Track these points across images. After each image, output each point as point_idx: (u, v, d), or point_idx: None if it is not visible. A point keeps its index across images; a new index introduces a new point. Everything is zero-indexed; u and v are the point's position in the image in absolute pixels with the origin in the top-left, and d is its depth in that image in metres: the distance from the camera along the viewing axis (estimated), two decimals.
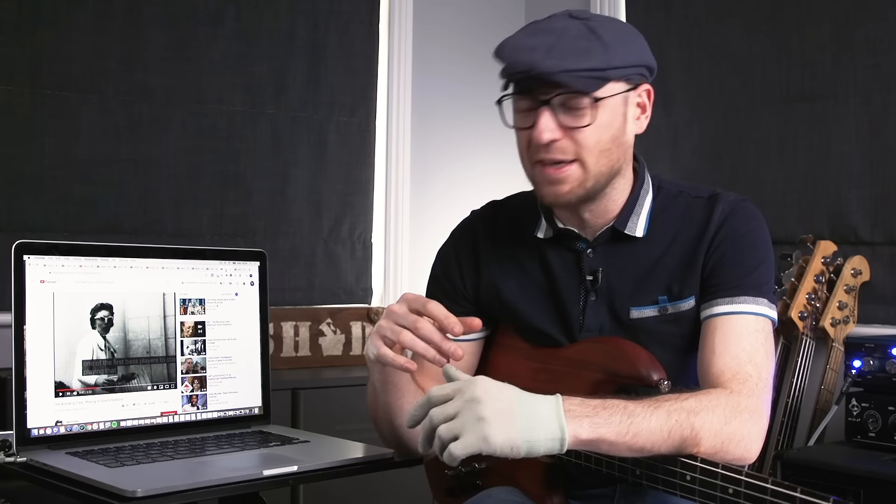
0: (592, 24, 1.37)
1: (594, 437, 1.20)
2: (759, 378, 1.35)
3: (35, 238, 1.46)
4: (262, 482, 1.30)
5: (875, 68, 2.46)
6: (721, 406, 1.28)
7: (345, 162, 3.02)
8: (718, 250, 1.44)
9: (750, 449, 1.30)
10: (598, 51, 1.35)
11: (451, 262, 1.61)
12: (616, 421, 1.21)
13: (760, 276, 1.43)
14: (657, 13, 2.94)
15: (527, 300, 1.53)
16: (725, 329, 1.39)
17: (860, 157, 2.48)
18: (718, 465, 1.22)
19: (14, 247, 1.41)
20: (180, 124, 2.73)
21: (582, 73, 1.33)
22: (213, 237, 2.77)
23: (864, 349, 2.15)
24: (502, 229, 1.58)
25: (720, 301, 1.41)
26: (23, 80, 2.49)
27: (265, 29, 2.87)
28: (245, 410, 1.62)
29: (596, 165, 1.40)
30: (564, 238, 1.51)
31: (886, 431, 2.06)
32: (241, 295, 1.63)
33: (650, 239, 1.48)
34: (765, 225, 1.48)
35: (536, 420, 1.17)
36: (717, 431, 1.26)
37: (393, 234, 3.10)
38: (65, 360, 1.43)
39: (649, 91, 1.45)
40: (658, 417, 1.23)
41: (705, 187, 1.53)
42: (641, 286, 1.47)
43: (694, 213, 1.48)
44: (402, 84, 3.12)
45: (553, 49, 1.34)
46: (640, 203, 1.49)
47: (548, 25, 1.38)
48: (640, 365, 1.38)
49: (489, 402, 1.17)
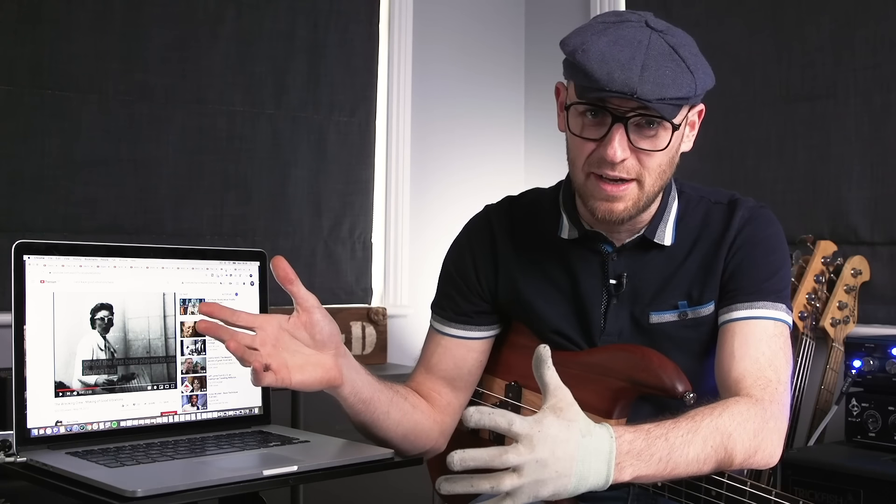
0: (672, 42, 1.34)
1: (635, 476, 1.20)
2: (778, 382, 1.36)
3: (35, 238, 1.46)
4: (262, 482, 1.29)
5: (875, 68, 2.46)
6: (752, 420, 1.29)
7: (345, 162, 3.02)
8: (737, 256, 1.44)
9: (774, 454, 1.32)
10: (687, 78, 1.32)
11: (467, 259, 1.58)
12: (657, 459, 1.20)
13: (779, 281, 1.44)
14: (657, 13, 2.93)
15: (547, 301, 1.51)
16: (745, 334, 1.40)
17: (860, 157, 2.48)
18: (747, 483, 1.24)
19: (14, 247, 1.40)
20: (180, 124, 2.73)
21: (673, 101, 1.31)
22: (213, 237, 2.77)
23: (864, 349, 2.15)
24: (520, 226, 1.56)
25: (739, 306, 1.42)
26: (23, 80, 2.49)
27: (265, 29, 2.87)
28: (245, 410, 1.61)
29: (653, 186, 1.40)
30: (589, 240, 1.49)
31: (886, 431, 2.06)
32: (241, 295, 1.63)
33: (672, 245, 1.48)
34: (781, 231, 1.49)
35: (588, 475, 1.16)
36: (747, 447, 1.28)
37: (393, 234, 3.10)
38: (65, 360, 1.43)
39: (702, 110, 1.45)
40: (695, 447, 1.23)
41: (724, 191, 1.53)
42: (662, 291, 1.47)
43: (713, 219, 1.48)
44: (402, 84, 3.12)
45: (647, 69, 1.29)
46: (668, 211, 1.49)
47: (630, 35, 1.33)
48: (666, 377, 1.39)
49: (552, 464, 1.13)
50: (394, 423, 1.45)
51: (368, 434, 1.47)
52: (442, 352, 1.58)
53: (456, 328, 1.58)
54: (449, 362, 1.57)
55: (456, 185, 3.21)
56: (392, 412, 1.45)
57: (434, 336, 1.60)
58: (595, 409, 1.44)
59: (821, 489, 1.97)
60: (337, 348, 1.35)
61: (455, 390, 1.58)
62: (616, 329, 1.48)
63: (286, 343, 1.30)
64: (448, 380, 1.57)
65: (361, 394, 1.40)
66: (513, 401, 1.58)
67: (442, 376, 1.57)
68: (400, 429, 1.46)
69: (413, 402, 1.52)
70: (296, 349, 1.31)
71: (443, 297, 1.60)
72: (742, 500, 1.19)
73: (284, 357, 1.29)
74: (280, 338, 1.30)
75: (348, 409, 1.42)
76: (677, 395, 1.38)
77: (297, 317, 1.31)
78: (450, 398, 1.57)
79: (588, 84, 1.31)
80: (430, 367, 1.58)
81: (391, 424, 1.45)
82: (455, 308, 1.58)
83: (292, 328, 1.31)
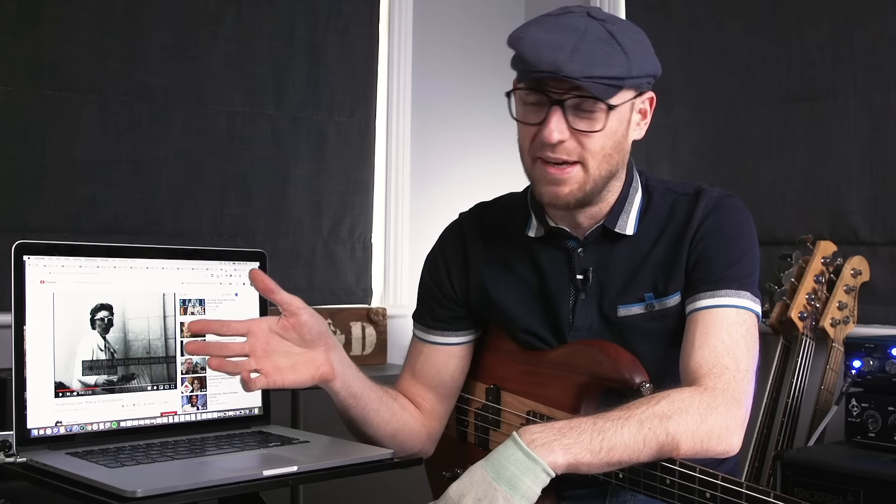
0: (612, 28, 1.36)
1: (572, 461, 1.19)
2: (736, 370, 1.35)
3: (35, 238, 1.46)
4: (262, 482, 1.30)
5: (875, 68, 2.46)
6: (695, 406, 1.28)
7: (345, 162, 3.02)
8: (700, 245, 1.45)
9: (731, 441, 1.30)
10: (620, 59, 1.34)
11: (440, 267, 1.61)
12: (587, 439, 1.20)
13: (742, 268, 1.43)
14: (657, 13, 2.94)
15: (517, 300, 1.53)
16: (706, 323, 1.40)
17: (860, 157, 2.48)
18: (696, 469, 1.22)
19: (14, 247, 1.40)
20: (180, 124, 2.73)
21: (604, 80, 1.33)
22: (213, 237, 2.77)
23: (863, 349, 2.15)
24: (491, 230, 1.58)
25: (702, 295, 1.42)
26: (23, 80, 2.49)
27: (265, 29, 2.87)
28: (245, 411, 1.61)
29: (597, 169, 1.40)
30: (555, 237, 1.51)
31: (886, 431, 2.06)
32: (241, 295, 1.63)
33: (639, 237, 1.49)
34: (749, 219, 1.49)
35: (512, 477, 1.18)
36: (694, 431, 1.26)
37: (393, 234, 3.10)
38: (65, 361, 1.43)
39: (652, 98, 1.46)
40: (630, 428, 1.22)
41: (692, 183, 1.54)
42: (629, 284, 1.47)
43: (679, 210, 1.49)
44: (402, 84, 3.12)
45: (577, 51, 1.32)
46: (630, 201, 1.50)
47: (567, 22, 1.36)
48: (623, 368, 1.39)
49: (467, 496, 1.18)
50: (383, 422, 1.48)
51: (357, 431, 1.49)
52: (423, 359, 1.61)
53: (435, 335, 1.61)
54: (431, 369, 1.60)
55: (456, 185, 3.21)
56: (381, 410, 1.48)
57: (416, 344, 1.64)
58: (563, 405, 1.46)
59: (821, 489, 1.97)
60: (327, 343, 1.40)
61: (439, 396, 1.61)
62: (585, 324, 1.49)
63: (276, 345, 1.36)
64: (431, 386, 1.61)
65: (352, 388, 1.44)
66: (493, 404, 1.59)
67: (425, 383, 1.60)
68: (389, 427, 1.49)
69: (402, 404, 1.56)
70: (286, 349, 1.37)
71: (421, 306, 1.64)
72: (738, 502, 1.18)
73: (275, 360, 1.35)
74: (270, 341, 1.35)
75: (339, 405, 1.45)
76: (633, 386, 1.36)
77: (285, 320, 1.37)
78: (434, 404, 1.61)
79: (522, 67, 1.37)
80: (414, 372, 1.62)
81: (380, 422, 1.48)
82: (433, 315, 1.61)
83: (281, 330, 1.36)
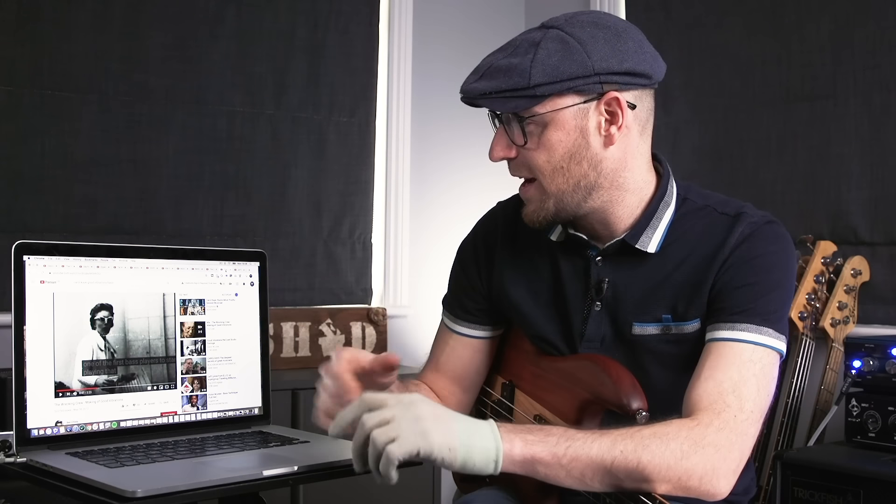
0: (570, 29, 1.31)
1: (527, 456, 1.16)
2: (739, 409, 1.25)
3: (35, 238, 1.46)
4: (262, 482, 1.30)
5: (875, 68, 2.46)
6: (680, 439, 1.19)
7: (345, 162, 3.02)
8: (729, 272, 1.34)
9: (716, 485, 1.21)
10: (522, 68, 1.29)
11: (470, 256, 1.58)
12: (553, 441, 1.17)
13: (769, 302, 1.32)
14: (657, 13, 2.94)
15: (532, 303, 1.50)
16: (718, 355, 1.30)
17: (860, 158, 2.48)
18: None
19: (14, 247, 1.41)
20: (180, 124, 2.72)
21: (506, 94, 1.30)
22: (213, 237, 2.77)
23: (863, 349, 2.15)
24: (523, 226, 1.50)
25: (720, 326, 1.32)
26: (23, 80, 2.49)
27: (265, 29, 2.87)
28: (245, 411, 1.62)
29: (552, 185, 1.36)
30: (576, 244, 1.46)
31: (886, 431, 2.06)
32: (241, 295, 1.63)
33: (663, 254, 1.40)
34: (788, 249, 1.38)
35: (473, 430, 1.16)
36: (668, 466, 1.18)
37: (393, 234, 3.10)
38: (65, 361, 1.43)
39: (617, 99, 1.32)
40: (601, 446, 1.17)
41: (736, 202, 1.42)
42: (647, 302, 1.39)
43: (714, 231, 1.38)
44: (402, 84, 3.12)
45: (491, 67, 1.33)
46: (659, 216, 1.40)
47: (515, 39, 1.35)
48: (622, 391, 1.31)
49: (427, 406, 1.16)
50: None
51: None
52: (450, 351, 1.59)
53: (462, 325, 1.58)
54: (456, 362, 1.58)
55: (456, 185, 3.21)
56: None
57: (443, 333, 1.61)
58: (567, 417, 1.41)
59: (821, 489, 1.98)
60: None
61: (462, 389, 1.59)
62: (597, 336, 1.42)
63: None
64: (456, 379, 1.59)
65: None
66: (507, 400, 1.59)
67: (450, 376, 1.59)
68: None
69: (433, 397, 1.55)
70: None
71: (451, 294, 1.61)
72: None
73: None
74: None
75: None
76: (629, 412, 1.27)
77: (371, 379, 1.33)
78: (460, 397, 1.59)
79: None
80: (438, 365, 1.60)
81: None
82: (462, 306, 1.58)
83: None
